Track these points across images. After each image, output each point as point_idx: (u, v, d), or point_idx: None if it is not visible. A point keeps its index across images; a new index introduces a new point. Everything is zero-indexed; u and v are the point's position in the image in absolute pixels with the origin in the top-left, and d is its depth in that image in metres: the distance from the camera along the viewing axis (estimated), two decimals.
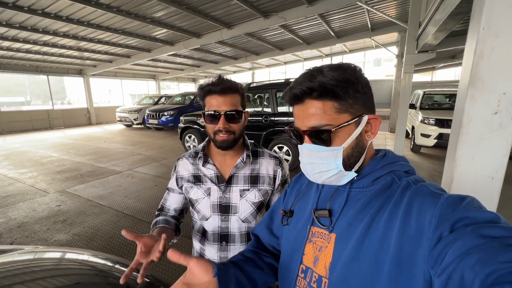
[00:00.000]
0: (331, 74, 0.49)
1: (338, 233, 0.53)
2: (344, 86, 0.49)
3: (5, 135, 10.38)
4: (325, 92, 0.49)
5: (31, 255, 1.04)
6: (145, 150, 7.09)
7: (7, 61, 10.20)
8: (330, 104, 0.50)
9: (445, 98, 7.26)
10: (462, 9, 2.76)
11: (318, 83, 0.50)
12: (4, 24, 6.41)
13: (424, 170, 5.06)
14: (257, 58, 12.60)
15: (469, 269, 0.33)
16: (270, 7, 6.42)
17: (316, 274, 0.55)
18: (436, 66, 12.69)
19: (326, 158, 0.53)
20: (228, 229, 0.95)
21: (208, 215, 0.95)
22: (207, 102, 0.88)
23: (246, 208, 0.94)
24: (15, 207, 3.50)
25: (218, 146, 0.89)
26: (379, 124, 0.55)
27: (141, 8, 6.05)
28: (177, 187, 1.01)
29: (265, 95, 5.34)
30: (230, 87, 0.87)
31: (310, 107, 0.52)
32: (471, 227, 0.37)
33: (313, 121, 0.52)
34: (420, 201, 0.45)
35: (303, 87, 0.51)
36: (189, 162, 1.00)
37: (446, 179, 1.53)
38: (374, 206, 0.50)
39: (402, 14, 7.67)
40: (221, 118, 0.86)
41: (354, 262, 0.48)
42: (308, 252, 0.58)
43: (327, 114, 0.50)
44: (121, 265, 1.02)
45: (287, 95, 0.55)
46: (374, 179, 0.54)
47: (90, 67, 12.62)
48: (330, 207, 0.57)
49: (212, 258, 0.96)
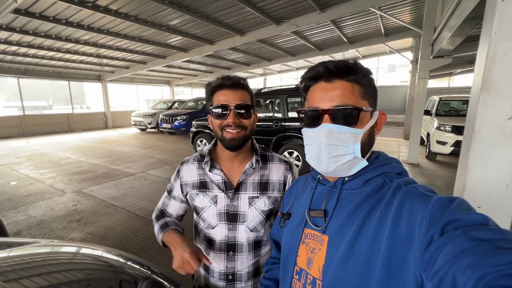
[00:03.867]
0: (360, 64, 0.54)
1: (331, 235, 0.53)
2: (370, 76, 0.54)
3: (28, 137, 10.93)
4: (360, 73, 0.52)
5: (48, 249, 1.10)
6: (158, 154, 7.26)
7: (32, 67, 10.82)
8: (358, 88, 0.53)
9: (463, 105, 7.02)
10: (478, 13, 2.70)
11: (355, 63, 0.53)
12: (31, 33, 6.83)
13: (440, 178, 4.89)
14: (269, 64, 12.72)
15: (461, 272, 0.33)
16: (282, 14, 6.50)
17: (310, 276, 0.55)
18: (453, 72, 12.34)
19: (346, 140, 0.52)
20: (235, 239, 0.89)
21: (215, 224, 0.89)
22: (215, 98, 0.84)
23: (255, 216, 0.88)
24: (35, 206, 3.67)
25: (227, 146, 0.83)
26: (384, 121, 0.58)
27: (158, 16, 6.29)
28: (181, 194, 0.95)
29: (275, 101, 5.38)
30: (240, 83, 0.84)
31: (338, 86, 0.52)
32: (461, 230, 0.37)
33: (339, 100, 0.52)
34: (411, 203, 0.45)
35: (340, 64, 0.52)
36: (194, 167, 0.93)
37: (458, 186, 1.48)
38: (365, 208, 0.50)
39: (416, 19, 7.55)
40: (230, 112, 0.80)
41: (346, 264, 0.48)
42: (302, 254, 0.59)
43: (354, 96, 0.52)
44: (133, 262, 1.06)
45: (316, 69, 0.54)
46: (365, 180, 0.54)
47: (108, 73, 13.15)
48: (324, 207, 0.57)
49: (218, 268, 0.91)
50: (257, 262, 0.93)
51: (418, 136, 5.91)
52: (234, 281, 0.90)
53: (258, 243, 0.92)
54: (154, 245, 2.67)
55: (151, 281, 0.94)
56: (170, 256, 2.48)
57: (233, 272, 0.90)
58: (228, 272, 0.90)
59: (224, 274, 0.90)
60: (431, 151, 5.96)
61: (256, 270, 0.93)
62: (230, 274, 0.90)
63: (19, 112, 11.37)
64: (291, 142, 4.97)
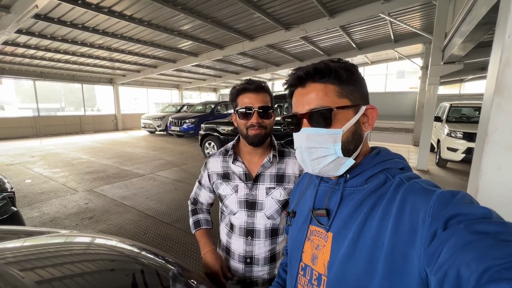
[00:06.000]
0: (334, 62, 0.54)
1: (335, 232, 0.54)
2: (346, 71, 0.52)
3: (42, 137, 11.24)
4: (329, 73, 0.52)
5: (63, 239, 1.14)
6: (166, 156, 7.36)
7: (48, 70, 11.20)
8: (332, 88, 0.52)
9: (474, 111, 6.91)
10: (490, 19, 2.69)
11: (324, 64, 0.53)
12: (49, 37, 7.10)
13: (451, 185, 4.81)
14: (277, 69, 12.81)
15: (464, 266, 0.33)
16: (291, 20, 6.58)
17: (316, 272, 0.56)
18: (464, 78, 12.15)
19: (325, 142, 0.52)
20: (253, 225, 0.98)
21: (236, 210, 0.99)
22: (239, 100, 0.94)
23: (272, 205, 0.97)
24: (48, 203, 3.77)
25: (251, 142, 0.94)
26: (376, 115, 0.56)
27: (170, 21, 6.45)
28: (209, 183, 1.07)
29: (284, 105, 5.42)
30: (262, 87, 0.94)
31: (312, 90, 0.53)
32: (465, 224, 0.37)
33: (314, 103, 0.52)
34: (413, 198, 0.45)
35: (308, 69, 0.53)
36: (219, 159, 1.05)
37: (471, 190, 1.47)
38: (368, 204, 0.50)
39: (427, 25, 7.51)
40: (254, 113, 0.91)
41: (349, 260, 0.49)
42: (307, 250, 0.60)
43: (329, 97, 0.52)
44: (147, 252, 1.09)
45: (290, 79, 0.56)
46: (367, 177, 0.54)
47: (120, 76, 13.47)
48: (327, 206, 0.57)
49: (238, 251, 1.00)
50: (273, 249, 1.01)
51: (428, 143, 5.83)
52: (251, 264, 0.99)
53: (275, 231, 1.00)
54: (164, 244, 2.71)
55: (183, 270, 0.97)
56: (180, 255, 2.51)
57: (251, 255, 0.99)
58: (246, 256, 0.99)
59: (243, 257, 0.99)
60: (442, 157, 5.86)
61: (272, 257, 1.00)
62: (249, 258, 0.99)
63: (33, 113, 11.73)
64: None
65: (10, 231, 1.20)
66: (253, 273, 1.00)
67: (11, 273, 0.75)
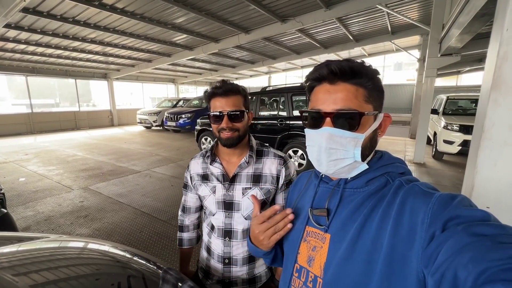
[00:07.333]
0: (366, 65, 0.52)
1: (333, 233, 0.53)
2: (377, 78, 0.52)
3: (36, 134, 11.11)
4: (365, 76, 0.50)
5: (56, 243, 1.12)
6: (163, 151, 7.31)
7: (40, 65, 10.97)
8: (362, 91, 0.51)
9: (471, 103, 6.91)
10: (488, 10, 2.65)
11: (360, 65, 0.50)
12: (39, 32, 6.92)
13: (447, 178, 4.83)
14: (274, 62, 12.68)
15: (462, 267, 0.33)
16: (287, 12, 6.46)
17: (312, 274, 0.55)
18: (461, 70, 12.10)
19: (347, 145, 0.51)
20: (231, 226, 0.99)
21: (214, 211, 1.00)
22: (212, 104, 0.95)
23: (248, 205, 0.97)
24: (43, 202, 3.73)
25: (224, 144, 0.95)
26: (389, 123, 0.57)
27: (163, 14, 6.31)
28: (191, 185, 1.08)
29: (280, 99, 5.36)
30: (231, 89, 0.93)
31: (342, 89, 0.51)
32: (463, 226, 0.37)
33: (342, 104, 0.50)
34: (413, 200, 0.45)
35: (344, 66, 0.50)
36: (200, 161, 1.06)
37: (467, 187, 1.46)
38: (368, 206, 0.50)
39: (424, 16, 7.43)
40: (224, 117, 0.92)
41: (347, 262, 0.49)
42: (303, 251, 0.59)
43: (357, 100, 0.50)
44: (139, 258, 1.07)
45: (319, 72, 0.52)
46: (368, 180, 0.54)
47: (114, 71, 13.27)
48: (327, 206, 0.57)
49: (217, 251, 1.01)
50: None
51: (424, 135, 5.84)
52: (230, 265, 1.00)
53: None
54: (159, 242, 2.70)
55: (174, 272, 0.96)
56: (175, 253, 2.51)
57: (229, 256, 1.00)
58: (225, 256, 1.00)
59: (222, 258, 1.00)
60: (438, 150, 5.88)
61: (251, 257, 1.02)
62: (227, 258, 1.00)
63: (27, 109, 11.56)
64: (295, 141, 4.96)
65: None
66: (232, 273, 1.01)
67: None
